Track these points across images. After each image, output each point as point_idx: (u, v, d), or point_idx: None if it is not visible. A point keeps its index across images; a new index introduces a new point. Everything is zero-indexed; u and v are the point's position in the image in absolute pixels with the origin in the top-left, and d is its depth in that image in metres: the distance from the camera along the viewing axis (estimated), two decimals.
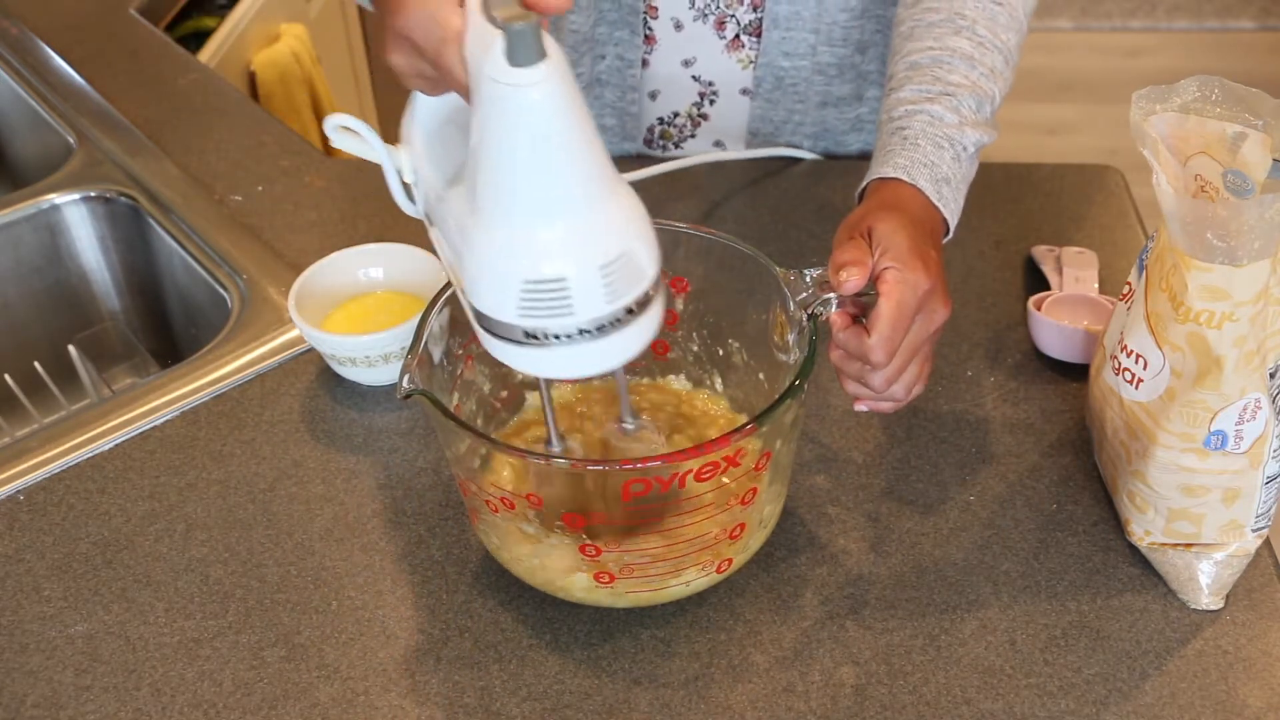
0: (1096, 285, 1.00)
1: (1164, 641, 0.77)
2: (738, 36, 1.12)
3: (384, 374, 0.93)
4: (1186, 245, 0.70)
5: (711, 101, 1.17)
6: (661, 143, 1.21)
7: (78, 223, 1.19)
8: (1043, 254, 1.04)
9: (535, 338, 0.63)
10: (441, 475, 0.88)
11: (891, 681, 0.75)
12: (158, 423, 0.94)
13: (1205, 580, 0.78)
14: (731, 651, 0.77)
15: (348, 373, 0.94)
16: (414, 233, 1.10)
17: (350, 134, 0.70)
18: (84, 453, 0.91)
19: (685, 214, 1.11)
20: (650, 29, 1.12)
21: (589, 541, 0.71)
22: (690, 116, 1.18)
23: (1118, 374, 0.79)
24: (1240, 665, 0.76)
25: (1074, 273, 1.00)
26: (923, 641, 0.77)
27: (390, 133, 0.74)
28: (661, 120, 1.19)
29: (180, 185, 1.17)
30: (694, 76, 1.15)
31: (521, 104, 0.57)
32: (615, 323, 0.63)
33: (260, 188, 1.17)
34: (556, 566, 0.74)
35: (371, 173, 1.19)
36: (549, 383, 0.77)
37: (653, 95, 1.17)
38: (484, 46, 0.59)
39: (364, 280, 0.99)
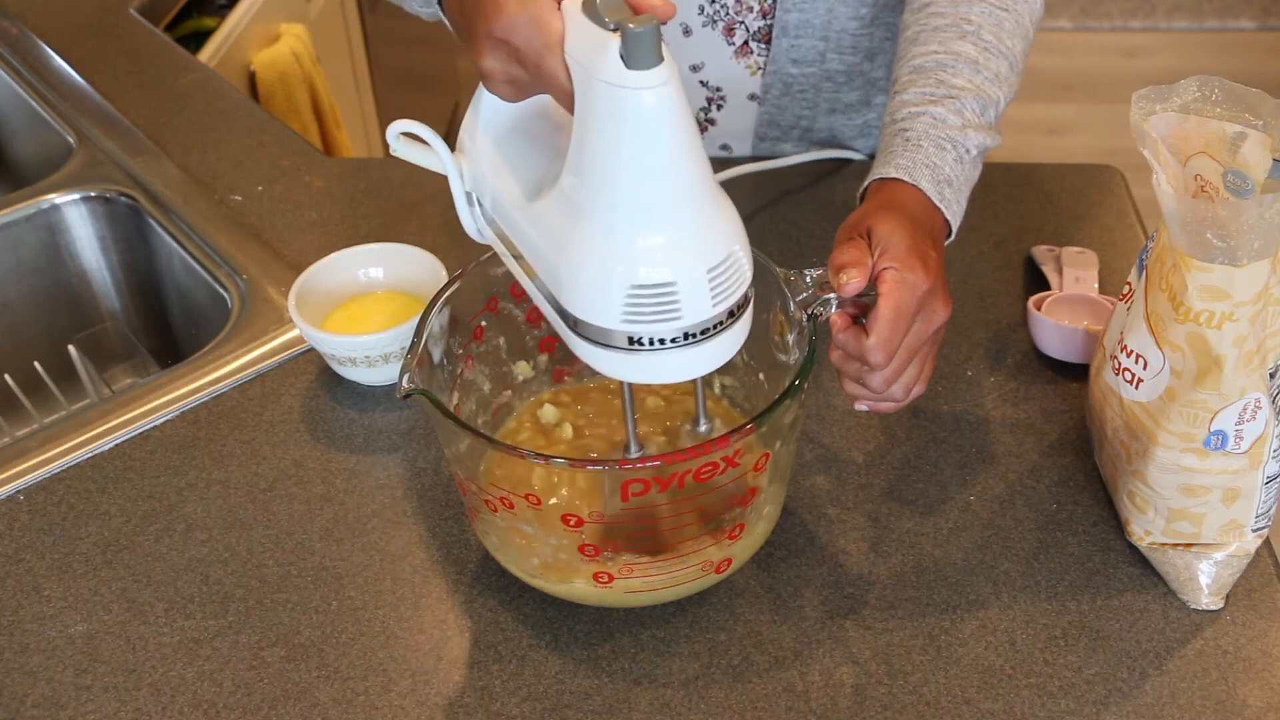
0: (1096, 285, 0.99)
1: (1164, 641, 0.77)
2: (746, 43, 1.11)
3: (384, 374, 0.93)
4: (1186, 245, 0.70)
5: (719, 107, 1.16)
6: None
7: (78, 223, 1.19)
8: (1043, 254, 1.04)
9: (638, 343, 0.61)
10: (441, 475, 0.88)
11: (891, 681, 0.75)
12: (158, 423, 0.94)
13: (1205, 580, 0.78)
14: (731, 651, 0.77)
15: (348, 373, 0.94)
16: (414, 233, 1.10)
17: (415, 142, 0.68)
18: (84, 453, 0.91)
19: None
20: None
21: (589, 541, 0.71)
22: (698, 121, 1.18)
23: (1118, 374, 0.78)
24: (1240, 665, 0.76)
25: (1074, 273, 1.00)
26: (923, 641, 0.77)
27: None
28: None
29: (180, 185, 1.17)
30: (702, 81, 1.15)
31: (638, 107, 0.56)
32: (717, 326, 0.62)
33: (260, 188, 1.17)
34: (556, 566, 0.74)
35: (372, 172, 1.19)
36: (633, 387, 0.74)
37: None
38: (592, 49, 0.57)
39: (364, 280, 0.99)
